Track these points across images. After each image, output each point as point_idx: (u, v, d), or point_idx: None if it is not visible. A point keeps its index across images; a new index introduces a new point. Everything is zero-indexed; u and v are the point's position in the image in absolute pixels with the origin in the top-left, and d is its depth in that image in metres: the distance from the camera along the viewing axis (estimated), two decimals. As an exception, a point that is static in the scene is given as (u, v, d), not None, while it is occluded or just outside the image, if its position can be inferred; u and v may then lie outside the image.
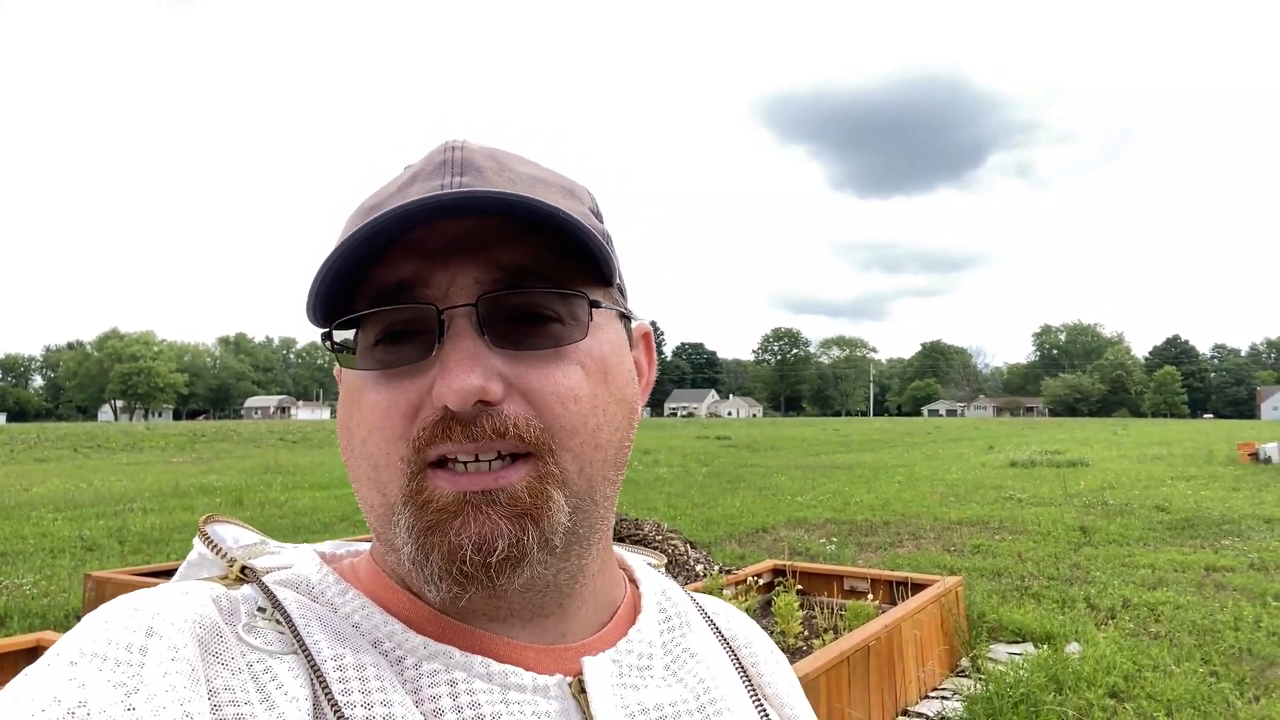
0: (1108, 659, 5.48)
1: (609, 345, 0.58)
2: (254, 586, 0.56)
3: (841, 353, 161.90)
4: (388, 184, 0.59)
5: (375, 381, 0.54)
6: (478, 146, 0.58)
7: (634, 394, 0.61)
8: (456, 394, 0.50)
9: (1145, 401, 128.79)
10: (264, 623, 0.53)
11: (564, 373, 0.54)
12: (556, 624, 0.59)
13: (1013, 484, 16.87)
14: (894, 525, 11.75)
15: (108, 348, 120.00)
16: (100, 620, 0.48)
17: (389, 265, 0.54)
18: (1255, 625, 6.47)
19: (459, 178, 0.55)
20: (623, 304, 0.62)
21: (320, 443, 37.61)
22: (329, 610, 0.56)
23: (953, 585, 5.86)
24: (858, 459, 25.14)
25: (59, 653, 0.46)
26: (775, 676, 0.71)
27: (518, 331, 0.53)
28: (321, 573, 0.59)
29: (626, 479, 0.89)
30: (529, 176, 0.57)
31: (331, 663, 0.51)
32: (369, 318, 0.54)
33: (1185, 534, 10.80)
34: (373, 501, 0.55)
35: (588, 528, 0.56)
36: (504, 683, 0.54)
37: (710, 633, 0.69)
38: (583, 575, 0.59)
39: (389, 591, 0.58)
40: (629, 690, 0.58)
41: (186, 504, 14.70)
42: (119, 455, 31.02)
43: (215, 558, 0.61)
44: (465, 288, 0.53)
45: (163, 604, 0.50)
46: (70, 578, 8.27)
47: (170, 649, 0.46)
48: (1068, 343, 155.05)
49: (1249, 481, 16.89)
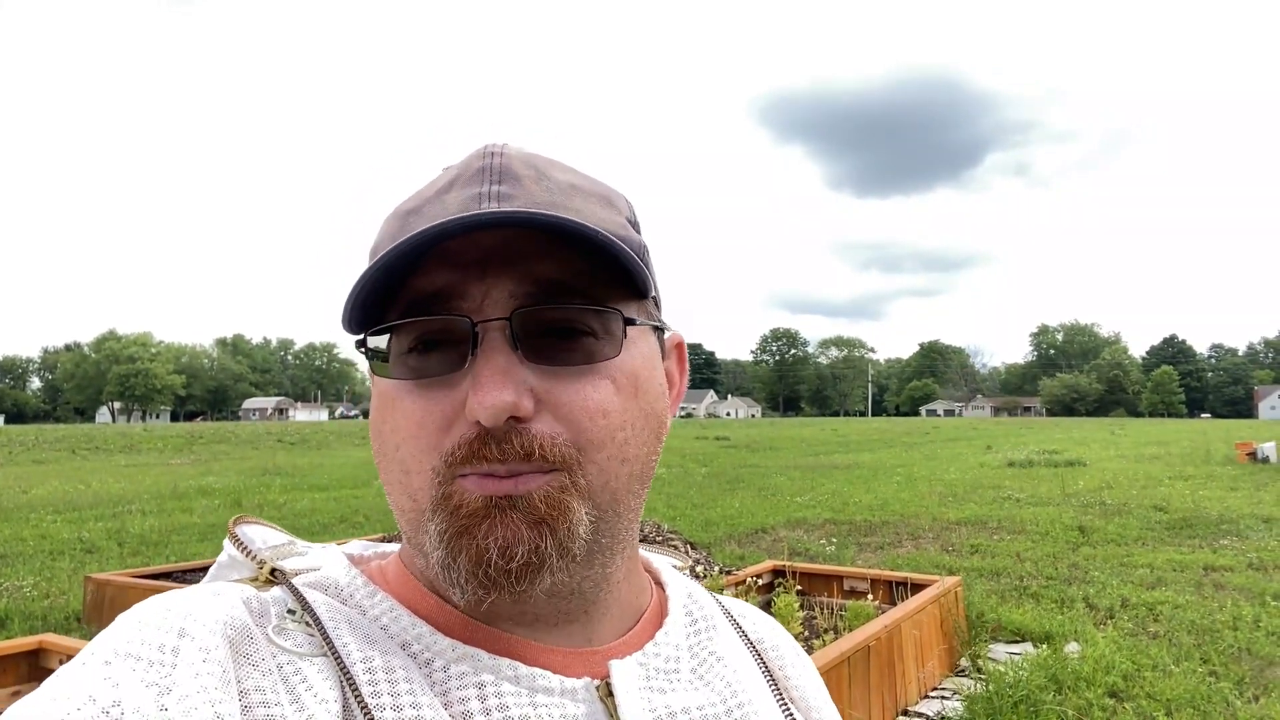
0: (1107, 659, 5.49)
1: (641, 360, 0.58)
2: (284, 588, 0.57)
3: (840, 353, 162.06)
4: (425, 187, 0.59)
5: (409, 391, 0.54)
6: (516, 152, 0.58)
7: (664, 407, 0.61)
8: (489, 410, 0.50)
9: (1143, 401, 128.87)
10: (294, 625, 0.53)
11: (595, 388, 0.54)
12: (583, 629, 0.59)
13: (1011, 484, 16.88)
14: (893, 525, 11.75)
15: (105, 349, 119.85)
16: (134, 620, 0.49)
17: (424, 275, 0.54)
18: (1254, 625, 6.48)
19: (497, 186, 0.55)
20: (657, 316, 0.62)
21: (319, 444, 37.54)
22: (358, 613, 0.56)
23: (952, 585, 5.88)
24: (856, 459, 25.14)
25: (94, 652, 0.47)
26: (801, 679, 0.71)
27: (551, 346, 0.53)
28: (350, 575, 0.59)
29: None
30: (567, 185, 0.57)
31: (361, 665, 0.51)
32: (402, 326, 0.54)
33: (1183, 534, 10.82)
34: (404, 507, 0.55)
35: (610, 538, 0.57)
36: (532, 685, 0.54)
37: (736, 636, 0.69)
38: (608, 583, 0.59)
39: (417, 594, 0.58)
40: (656, 693, 0.58)
41: (185, 506, 14.69)
42: (117, 457, 30.99)
43: (245, 559, 0.62)
44: (500, 301, 0.53)
45: (195, 605, 0.50)
46: (70, 580, 8.26)
47: (202, 650, 0.47)
48: (1065, 343, 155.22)
49: (1247, 481, 16.90)
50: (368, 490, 16.72)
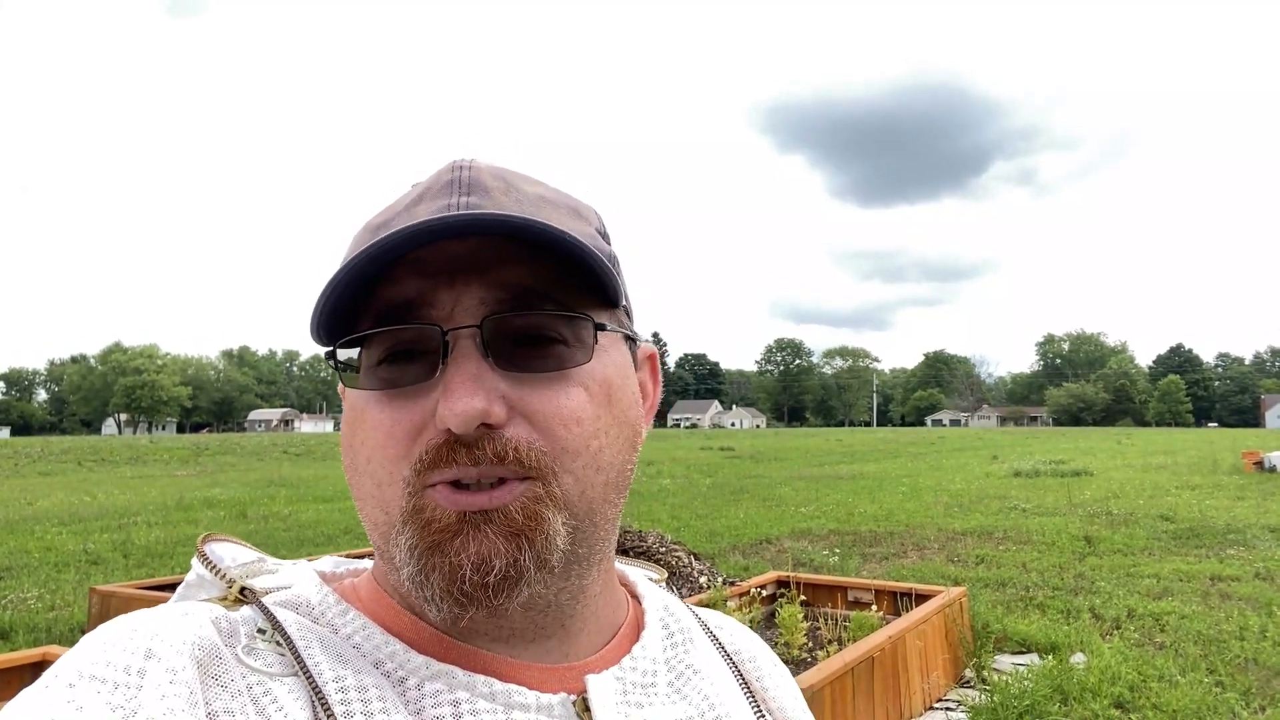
0: (1113, 669, 5.47)
1: (613, 368, 0.58)
2: (254, 608, 0.55)
3: (844, 363, 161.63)
4: (395, 202, 0.59)
5: (379, 401, 0.54)
6: (485, 166, 0.58)
7: (637, 417, 0.60)
8: (459, 417, 0.50)
9: (1149, 411, 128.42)
10: (264, 644, 0.52)
11: (567, 395, 0.54)
12: (559, 644, 0.58)
13: (1017, 494, 16.84)
14: (898, 536, 11.72)
15: (111, 361, 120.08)
16: (99, 641, 0.48)
17: (394, 284, 0.54)
18: (1261, 635, 6.45)
19: (466, 197, 0.55)
20: (628, 326, 0.62)
21: (324, 455, 37.62)
22: (330, 631, 0.55)
23: (957, 596, 5.85)
24: (861, 469, 25.11)
25: (57, 674, 0.45)
26: (779, 690, 0.71)
27: (522, 353, 0.53)
28: (322, 593, 0.58)
29: (630, 491, 0.89)
30: (536, 196, 0.57)
31: (333, 684, 0.50)
32: (373, 337, 0.54)
33: (1190, 543, 10.77)
34: (376, 520, 0.55)
35: (587, 549, 0.56)
36: (508, 702, 0.54)
37: (713, 648, 0.68)
38: (584, 595, 0.59)
39: (390, 612, 0.57)
40: (633, 708, 0.57)
41: (190, 517, 14.72)
42: (123, 469, 31.07)
43: (214, 578, 0.60)
44: (470, 309, 0.53)
45: (161, 625, 0.49)
46: (75, 591, 8.28)
47: (169, 671, 0.46)
48: (1071, 352, 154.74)
49: (1254, 490, 16.84)
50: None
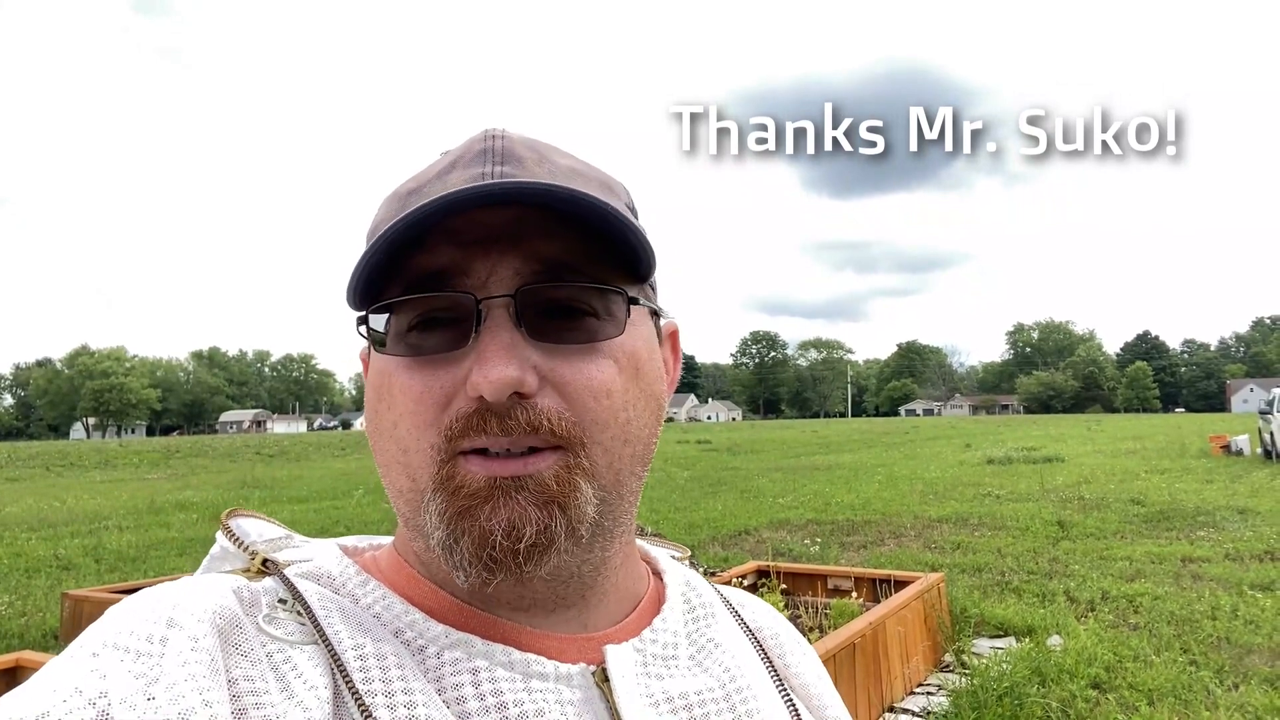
0: (1089, 650, 5.55)
1: (642, 341, 0.58)
2: (275, 579, 0.56)
3: (819, 355, 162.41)
4: (425, 169, 0.58)
5: (408, 367, 0.54)
6: (517, 136, 0.58)
7: (662, 390, 0.61)
8: (493, 385, 0.50)
9: (1118, 397, 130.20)
10: (285, 614, 0.53)
11: (598, 367, 0.54)
12: (579, 614, 0.59)
13: (990, 481, 17.03)
14: (875, 524, 11.81)
15: (78, 365, 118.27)
16: (122, 612, 0.49)
17: (427, 252, 0.53)
18: (1232, 614, 6.57)
19: (500, 166, 0.54)
20: (654, 300, 0.63)
21: (297, 456, 37.26)
22: (350, 601, 0.56)
23: (935, 581, 5.92)
24: (838, 460, 25.27)
25: (82, 644, 0.46)
26: (802, 667, 0.71)
27: (554, 325, 0.53)
28: (342, 565, 0.59)
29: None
30: (567, 169, 0.57)
31: (352, 652, 0.51)
32: (403, 304, 0.54)
33: (1161, 526, 10.95)
34: (402, 487, 0.55)
35: (612, 520, 0.57)
36: (526, 671, 0.54)
37: (735, 624, 0.69)
38: (606, 567, 0.59)
39: (411, 582, 0.58)
40: (653, 679, 0.58)
41: (162, 521, 14.52)
42: (92, 473, 30.59)
43: (238, 551, 0.61)
44: (504, 279, 0.53)
45: (183, 595, 0.50)
46: (47, 597, 8.15)
47: (190, 639, 0.47)
48: (1040, 340, 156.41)
49: (1222, 473, 17.16)
50: (348, 501, 16.60)
